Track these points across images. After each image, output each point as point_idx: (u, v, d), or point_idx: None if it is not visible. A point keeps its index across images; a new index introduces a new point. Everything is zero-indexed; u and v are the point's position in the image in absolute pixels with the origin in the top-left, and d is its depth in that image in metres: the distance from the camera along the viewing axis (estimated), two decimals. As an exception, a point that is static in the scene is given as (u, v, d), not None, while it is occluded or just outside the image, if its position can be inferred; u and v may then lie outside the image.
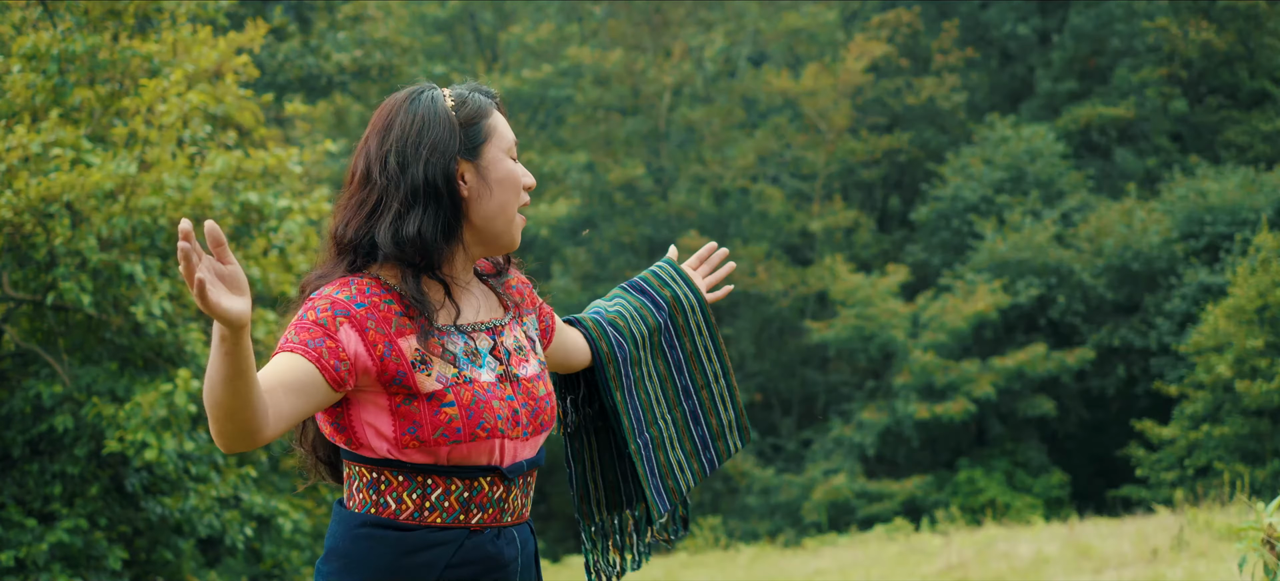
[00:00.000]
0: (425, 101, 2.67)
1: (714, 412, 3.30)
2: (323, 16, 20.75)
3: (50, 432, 10.39)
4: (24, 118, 10.08)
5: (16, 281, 10.33)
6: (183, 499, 10.49)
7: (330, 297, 2.55)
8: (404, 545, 2.60)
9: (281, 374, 2.48)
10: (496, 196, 2.66)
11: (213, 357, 2.34)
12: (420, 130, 2.63)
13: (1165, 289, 25.98)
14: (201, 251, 2.27)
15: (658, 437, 3.18)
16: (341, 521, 2.64)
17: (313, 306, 2.56)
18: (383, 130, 2.67)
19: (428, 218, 2.60)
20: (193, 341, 10.03)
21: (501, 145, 2.68)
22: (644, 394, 3.19)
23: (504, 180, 2.67)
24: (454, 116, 2.65)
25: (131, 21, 10.97)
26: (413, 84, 2.76)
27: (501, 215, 2.68)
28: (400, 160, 2.62)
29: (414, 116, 2.65)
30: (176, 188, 9.75)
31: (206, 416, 2.66)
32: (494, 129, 2.68)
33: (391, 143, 2.64)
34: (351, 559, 2.60)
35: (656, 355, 3.24)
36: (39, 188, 9.45)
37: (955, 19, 31.08)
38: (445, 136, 2.63)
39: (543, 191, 28.07)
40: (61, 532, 9.95)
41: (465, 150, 2.65)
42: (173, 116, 10.04)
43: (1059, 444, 27.57)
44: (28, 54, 10.15)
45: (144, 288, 9.74)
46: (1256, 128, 29.15)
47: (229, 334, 2.29)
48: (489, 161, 2.66)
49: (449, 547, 2.62)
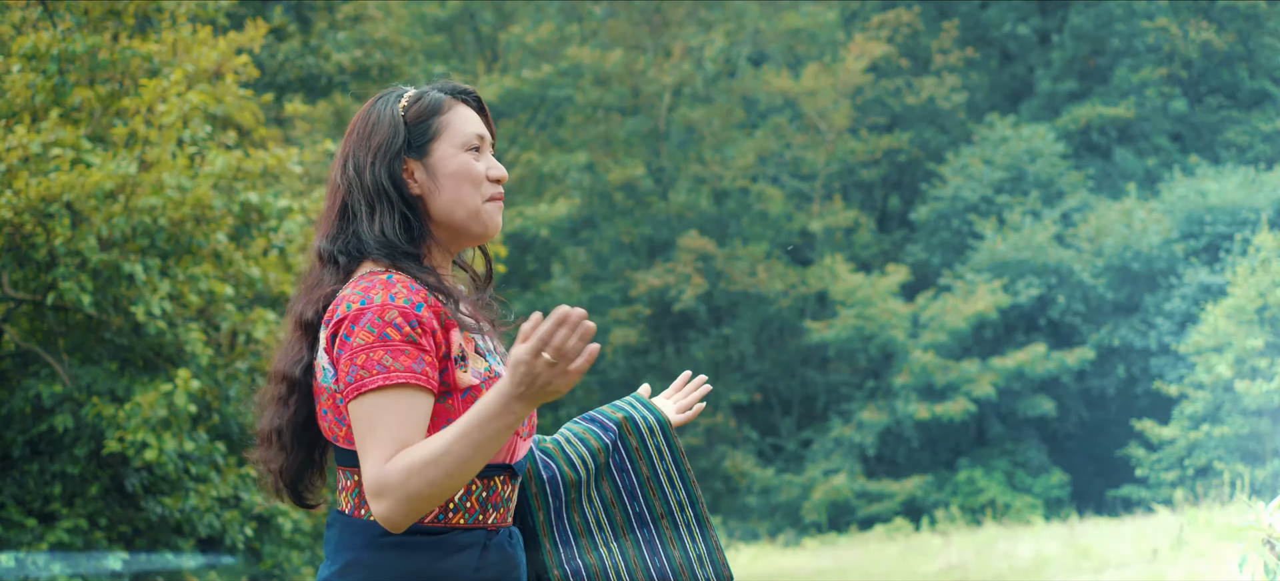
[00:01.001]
0: (379, 106, 2.69)
1: (676, 543, 2.92)
2: (323, 16, 20.74)
3: (50, 432, 10.39)
4: (24, 118, 10.08)
5: (16, 281, 10.32)
6: (183, 499, 10.48)
7: (398, 307, 2.51)
8: (435, 550, 2.56)
9: (419, 420, 2.47)
10: (448, 192, 2.65)
11: (493, 433, 2.40)
12: (369, 134, 2.66)
13: (1165, 289, 25.98)
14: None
15: (597, 566, 2.88)
16: (356, 530, 2.57)
17: (386, 323, 2.50)
18: (345, 137, 2.70)
19: (388, 218, 2.61)
20: (193, 341, 10.02)
21: (455, 140, 2.67)
22: (578, 517, 2.90)
23: (456, 174, 2.65)
24: (401, 117, 2.66)
25: (131, 21, 10.96)
26: (394, 86, 2.77)
27: (459, 208, 2.66)
28: (356, 164, 2.64)
29: (366, 121, 2.68)
30: (176, 188, 9.75)
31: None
32: (446, 124, 2.67)
33: (350, 148, 2.67)
34: (378, 569, 2.54)
35: (602, 478, 2.93)
36: (39, 188, 9.45)
37: (955, 19, 31.07)
38: (388, 138, 2.64)
39: (543, 191, 28.06)
40: (61, 532, 9.95)
41: (412, 149, 2.65)
42: (173, 116, 10.03)
43: (1059, 444, 27.57)
44: (28, 54, 10.15)
45: (144, 287, 9.74)
46: (1256, 128, 29.15)
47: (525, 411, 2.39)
48: (438, 158, 2.65)
49: (475, 550, 2.59)
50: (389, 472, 2.44)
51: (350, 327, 2.51)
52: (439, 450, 2.41)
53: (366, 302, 2.52)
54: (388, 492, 2.43)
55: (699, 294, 27.39)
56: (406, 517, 2.43)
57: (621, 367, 27.70)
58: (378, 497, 2.44)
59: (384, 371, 2.47)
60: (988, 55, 32.56)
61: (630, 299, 27.94)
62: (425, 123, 2.68)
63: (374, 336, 2.49)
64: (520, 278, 28.46)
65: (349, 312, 2.52)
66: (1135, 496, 23.58)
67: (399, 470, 2.43)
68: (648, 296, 27.68)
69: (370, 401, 2.47)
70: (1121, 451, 24.86)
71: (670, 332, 28.99)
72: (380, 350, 2.48)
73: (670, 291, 27.38)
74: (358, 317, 2.51)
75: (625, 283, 28.33)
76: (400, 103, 2.68)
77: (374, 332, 2.49)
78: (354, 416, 2.49)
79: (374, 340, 2.49)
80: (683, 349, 28.82)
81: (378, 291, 2.53)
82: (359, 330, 2.50)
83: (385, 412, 2.46)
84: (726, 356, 28.51)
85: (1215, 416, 22.07)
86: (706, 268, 27.74)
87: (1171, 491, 21.20)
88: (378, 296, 2.52)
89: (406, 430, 2.45)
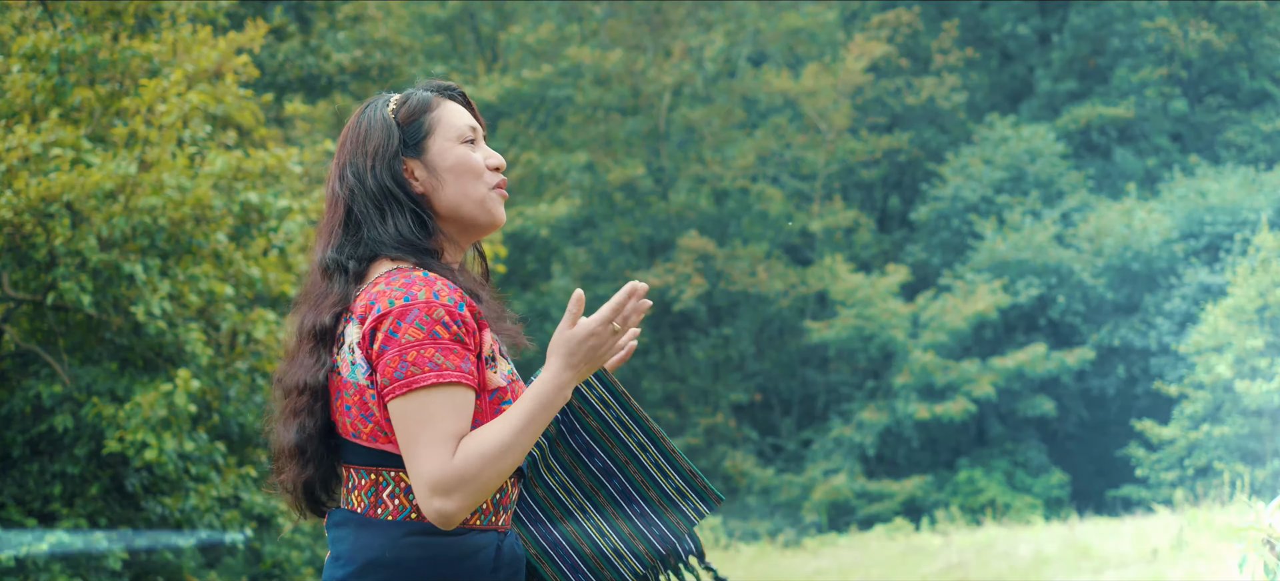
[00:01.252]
0: (368, 112, 2.70)
1: (651, 485, 2.89)
2: (323, 16, 20.74)
3: (50, 432, 10.39)
4: (24, 118, 10.08)
5: (16, 281, 10.33)
6: (183, 499, 10.48)
7: (443, 306, 2.52)
8: (455, 550, 2.56)
9: (469, 416, 2.51)
10: (451, 185, 2.67)
11: (541, 415, 2.47)
12: (363, 140, 2.67)
13: (1165, 289, 25.98)
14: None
15: (576, 532, 2.88)
16: (375, 531, 2.56)
17: (434, 320, 2.51)
18: (339, 148, 2.71)
19: (399, 217, 2.63)
20: (193, 341, 10.02)
21: (449, 134, 2.68)
22: (541, 490, 2.89)
23: (455, 167, 2.67)
24: (392, 119, 2.67)
25: (131, 21, 10.96)
26: (378, 94, 2.78)
27: (465, 200, 2.68)
28: (355, 172, 2.65)
29: (358, 129, 2.69)
30: (176, 188, 9.75)
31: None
32: (438, 121, 2.69)
33: (345, 158, 2.68)
34: (401, 569, 2.54)
35: (557, 445, 2.90)
36: (39, 188, 9.45)
37: (955, 19, 31.07)
38: (383, 141, 2.65)
39: (543, 191, 28.06)
40: (61, 532, 9.95)
41: (409, 149, 2.67)
42: (173, 116, 10.03)
43: (1059, 444, 27.57)
44: (28, 54, 10.15)
45: (144, 287, 9.74)
46: (1256, 128, 29.14)
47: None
48: (436, 153, 2.67)
49: (491, 550, 2.60)
50: (461, 467, 2.46)
51: (397, 323, 2.50)
52: (508, 440, 2.46)
53: (411, 299, 2.52)
54: (462, 486, 2.46)
55: (699, 294, 27.39)
56: (469, 511, 2.47)
57: (621, 367, 27.68)
58: (447, 493, 2.45)
59: (437, 369, 2.48)
60: (988, 55, 32.55)
61: (630, 299, 27.92)
62: (417, 121, 2.69)
63: (424, 333, 2.50)
64: (520, 277, 28.46)
65: (392, 308, 2.52)
66: (1135, 496, 23.58)
67: (474, 461, 2.46)
68: (648, 296, 27.68)
69: (423, 398, 2.48)
70: (1121, 451, 24.86)
71: (670, 332, 28.99)
72: (431, 348, 2.49)
73: (670, 291, 27.38)
74: (404, 313, 2.50)
75: (625, 282, 28.32)
76: (388, 106, 2.70)
77: (423, 329, 2.50)
78: (401, 412, 2.49)
79: (424, 337, 2.49)
80: (683, 349, 28.82)
81: (420, 288, 2.53)
82: (407, 326, 2.50)
83: (440, 409, 2.47)
84: (726, 356, 28.51)
85: (1215, 416, 22.06)
86: (706, 268, 27.74)
87: (1171, 491, 21.20)
88: (422, 293, 2.52)
89: (461, 425, 2.48)
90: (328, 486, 2.69)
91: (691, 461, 2.93)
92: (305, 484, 2.66)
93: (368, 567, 2.55)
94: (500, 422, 2.48)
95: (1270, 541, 3.55)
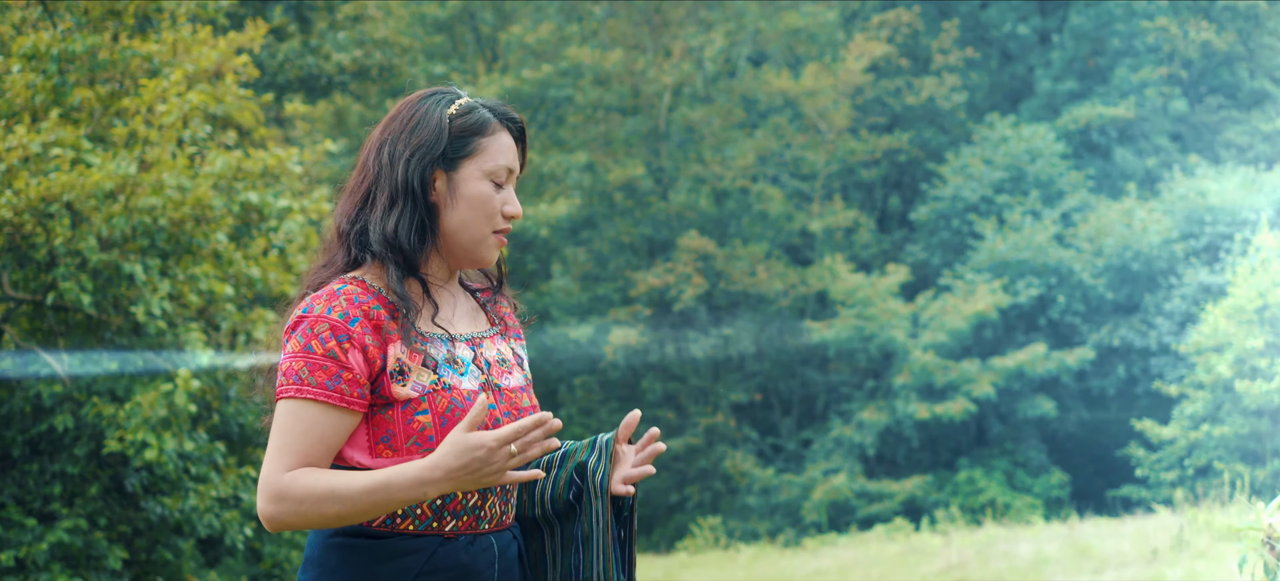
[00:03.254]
0: (429, 103, 2.70)
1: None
2: (323, 16, 20.74)
3: (50, 432, 10.39)
4: (24, 118, 10.08)
5: (16, 281, 10.33)
6: (183, 499, 10.48)
7: (330, 321, 2.56)
8: (376, 553, 2.60)
9: (323, 434, 2.53)
10: (462, 213, 2.67)
11: (400, 501, 2.48)
12: (412, 129, 2.67)
13: (1165, 289, 25.98)
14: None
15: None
16: (314, 531, 2.64)
17: (314, 335, 2.56)
18: (388, 121, 2.72)
19: (404, 217, 2.64)
20: (193, 341, 10.02)
21: (485, 165, 2.68)
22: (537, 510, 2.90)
23: (473, 200, 2.68)
24: (447, 124, 2.67)
25: (131, 21, 10.96)
26: (449, 88, 2.77)
27: (465, 232, 2.69)
28: (391, 153, 2.66)
29: (413, 114, 2.69)
30: (176, 188, 9.75)
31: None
32: (484, 148, 2.69)
33: (388, 134, 2.69)
34: (325, 568, 2.61)
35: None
36: (39, 188, 9.45)
37: (955, 19, 31.07)
38: (429, 141, 2.66)
39: (543, 191, 28.06)
40: (61, 532, 9.94)
41: (444, 159, 2.66)
42: (173, 116, 10.03)
43: (1059, 444, 27.57)
44: (28, 54, 10.15)
45: (144, 287, 9.74)
46: (1256, 128, 29.14)
47: None
48: (464, 177, 2.67)
49: (421, 556, 2.61)
50: (289, 484, 2.52)
51: (290, 332, 2.59)
52: (343, 493, 2.49)
53: (307, 311, 2.59)
54: (282, 500, 2.51)
55: (699, 294, 27.39)
56: (287, 528, 2.52)
57: (621, 367, 27.70)
58: (270, 501, 2.52)
59: (298, 383, 2.54)
60: (988, 55, 32.55)
61: (630, 299, 27.94)
62: (467, 138, 2.69)
63: (300, 345, 2.56)
64: (520, 277, 28.45)
65: (294, 317, 2.61)
66: (1135, 496, 23.58)
67: (300, 488, 2.51)
68: (648, 296, 27.69)
69: (281, 408, 2.55)
70: (1121, 451, 24.86)
71: (670, 333, 28.99)
72: (300, 361, 2.55)
73: (670, 291, 27.38)
74: (297, 324, 2.59)
75: (625, 283, 28.33)
76: (450, 109, 2.69)
77: (301, 342, 2.56)
78: (273, 416, 2.58)
79: (299, 349, 2.56)
80: (683, 349, 28.82)
81: (321, 301, 2.59)
82: (293, 337, 2.58)
83: (293, 422, 2.53)
84: (726, 356, 28.51)
85: (1215, 416, 22.06)
86: (706, 267, 27.74)
87: (1171, 491, 21.20)
88: (318, 306, 2.58)
89: (308, 443, 2.52)
90: None
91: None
92: None
93: (307, 565, 2.65)
94: (345, 477, 2.51)
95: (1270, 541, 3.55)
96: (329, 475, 2.51)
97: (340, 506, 2.49)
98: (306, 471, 2.52)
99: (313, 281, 2.68)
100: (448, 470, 2.47)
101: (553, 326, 27.43)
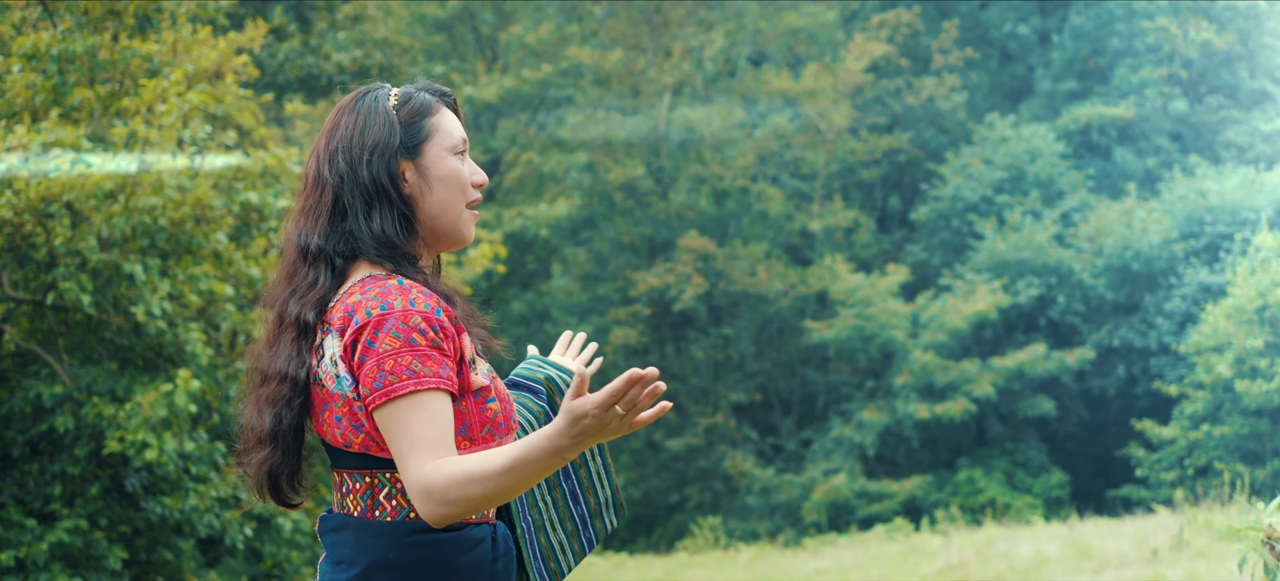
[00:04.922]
0: (368, 101, 2.69)
1: (592, 490, 3.08)
2: (323, 16, 20.74)
3: (50, 432, 10.39)
4: (24, 118, 10.08)
5: (16, 281, 10.32)
6: (183, 499, 10.49)
7: (421, 313, 2.54)
8: (456, 547, 2.60)
9: (446, 423, 2.51)
10: (438, 194, 2.67)
11: (540, 474, 2.45)
12: (362, 130, 2.65)
13: (1165, 289, 25.98)
14: None
15: (539, 520, 2.98)
16: (376, 532, 2.59)
17: (411, 328, 2.53)
18: (330, 130, 2.69)
19: (387, 216, 2.63)
20: (193, 341, 10.02)
21: (445, 143, 2.68)
22: None
23: (445, 178, 2.68)
24: (394, 115, 2.66)
25: (131, 21, 10.97)
26: (373, 83, 2.76)
27: (445, 213, 2.68)
28: (348, 160, 2.64)
29: (357, 116, 2.67)
30: (176, 188, 9.75)
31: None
32: (437, 127, 2.69)
33: (337, 142, 2.66)
34: (407, 568, 2.57)
35: None
36: (39, 188, 9.45)
37: (955, 19, 31.07)
38: (384, 136, 2.65)
39: (543, 191, 28.05)
40: (61, 532, 9.94)
41: (406, 149, 2.66)
42: (173, 116, 10.03)
43: (1059, 444, 27.57)
44: (28, 54, 10.15)
45: (144, 287, 9.74)
46: (1256, 128, 29.13)
47: None
48: (430, 160, 2.67)
49: (487, 543, 2.64)
50: (434, 478, 2.47)
51: (374, 333, 2.52)
52: (485, 473, 2.45)
53: (387, 308, 2.54)
54: (433, 497, 2.47)
55: (699, 294, 27.39)
56: (448, 520, 2.48)
57: (621, 367, 27.70)
58: (425, 499, 2.48)
59: (414, 377, 2.50)
60: (988, 55, 32.55)
61: (630, 299, 27.94)
62: (418, 124, 2.69)
63: (400, 342, 2.51)
64: (520, 277, 28.47)
65: (370, 319, 2.54)
66: (1135, 496, 23.58)
67: (445, 478, 2.46)
68: (648, 296, 27.68)
69: (402, 406, 2.50)
70: (1121, 451, 24.86)
71: (670, 333, 28.99)
72: (408, 355, 2.51)
73: (670, 291, 27.38)
74: (381, 323, 2.52)
75: (625, 282, 28.33)
76: (390, 101, 2.69)
77: (400, 338, 2.52)
78: (384, 421, 2.52)
79: (401, 346, 2.51)
80: (683, 349, 28.82)
81: (396, 296, 2.55)
82: (384, 335, 2.52)
83: (419, 417, 2.49)
84: (726, 356, 28.51)
85: (1215, 416, 22.07)
86: (706, 268, 27.74)
87: (1171, 491, 21.20)
88: (398, 302, 2.54)
89: (439, 432, 2.49)
90: (293, 479, 2.72)
91: (618, 479, 3.13)
92: (271, 471, 2.69)
93: (373, 569, 2.58)
94: (489, 457, 2.48)
95: (1270, 541, 3.56)
96: (469, 461, 2.48)
97: (485, 488, 2.45)
98: (448, 461, 2.49)
99: (304, 303, 2.63)
100: (573, 437, 2.42)
101: (553, 326, 27.44)
